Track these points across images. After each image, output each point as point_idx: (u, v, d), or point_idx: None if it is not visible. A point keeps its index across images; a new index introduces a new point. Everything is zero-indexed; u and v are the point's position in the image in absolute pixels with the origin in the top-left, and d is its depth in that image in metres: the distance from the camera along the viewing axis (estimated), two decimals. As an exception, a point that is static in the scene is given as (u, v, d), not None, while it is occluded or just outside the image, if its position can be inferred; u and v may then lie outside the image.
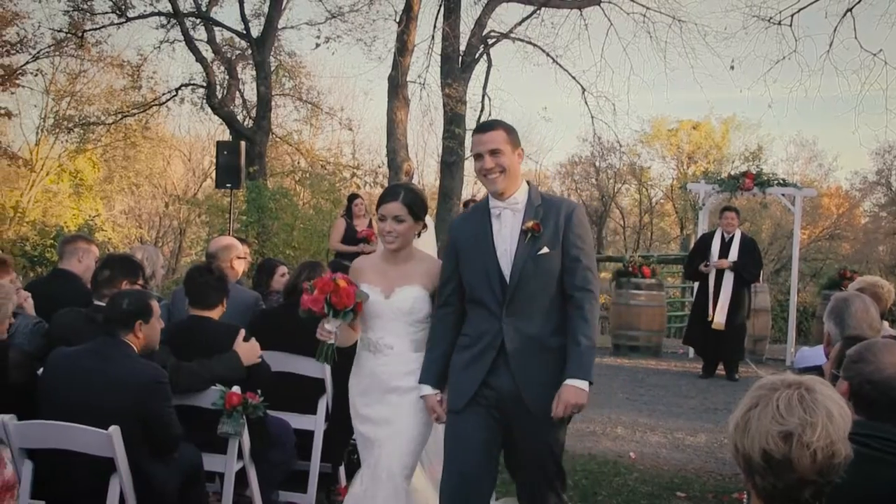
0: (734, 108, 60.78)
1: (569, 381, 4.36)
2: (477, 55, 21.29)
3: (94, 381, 4.69)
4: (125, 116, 25.46)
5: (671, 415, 9.90)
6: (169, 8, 21.82)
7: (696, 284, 12.74)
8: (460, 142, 20.78)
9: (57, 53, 24.47)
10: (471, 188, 27.44)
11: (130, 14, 22.43)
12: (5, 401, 4.74)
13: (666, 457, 8.09)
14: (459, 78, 20.63)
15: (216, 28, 22.65)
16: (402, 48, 20.25)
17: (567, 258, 4.45)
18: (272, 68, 22.94)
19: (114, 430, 4.50)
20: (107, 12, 22.49)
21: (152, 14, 22.54)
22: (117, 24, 22.71)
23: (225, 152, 15.20)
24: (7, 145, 27.27)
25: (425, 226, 4.89)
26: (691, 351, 13.81)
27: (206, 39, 22.59)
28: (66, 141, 28.16)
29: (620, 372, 12.66)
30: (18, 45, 23.12)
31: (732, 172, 16.05)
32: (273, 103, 23.11)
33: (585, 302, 4.43)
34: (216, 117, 23.90)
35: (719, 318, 12.00)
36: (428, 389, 4.64)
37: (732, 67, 21.00)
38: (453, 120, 20.78)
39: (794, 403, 2.20)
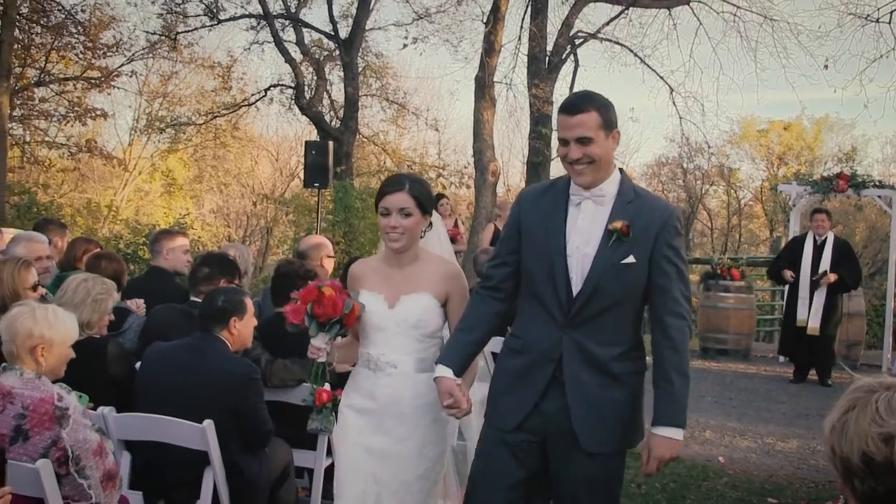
0: (827, 108, 59.21)
1: (661, 431, 3.66)
2: (564, 55, 21.15)
3: (190, 375, 4.78)
4: (215, 117, 25.93)
5: (761, 420, 9.71)
6: (259, 10, 22.15)
7: (787, 288, 12.49)
8: (546, 142, 20.67)
9: (150, 55, 25.01)
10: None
11: (222, 16, 22.82)
12: (105, 394, 4.86)
13: (756, 462, 7.95)
14: (546, 78, 20.52)
15: (305, 29, 22.89)
16: (489, 49, 20.22)
17: (658, 274, 3.67)
18: (359, 69, 23.10)
19: (207, 424, 4.58)
20: (199, 15, 22.93)
21: (243, 16, 22.91)
22: (209, 26, 23.12)
23: (313, 152, 15.35)
24: (102, 145, 27.93)
25: (431, 224, 4.23)
26: (777, 351, 13.52)
27: (294, 41, 22.85)
28: (158, 141, 28.82)
29: (708, 375, 12.47)
30: (114, 47, 23.68)
31: (825, 174, 15.68)
32: (360, 104, 23.26)
33: (677, 331, 3.67)
34: (304, 118, 24.17)
35: (813, 322, 11.74)
36: (444, 370, 3.81)
37: (826, 66, 20.31)
38: (540, 120, 20.67)
39: (894, 405, 2.14)
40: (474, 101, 20.72)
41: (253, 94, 24.93)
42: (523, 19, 21.19)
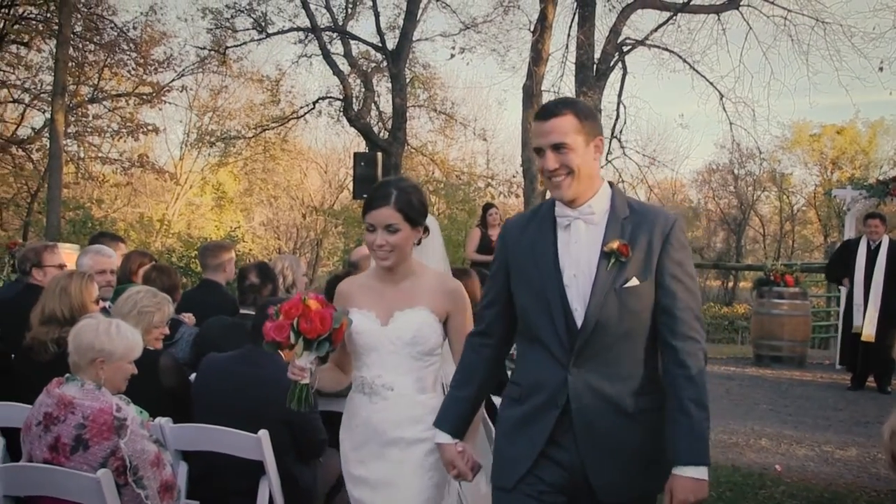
0: (882, 112, 58.40)
1: (684, 471, 3.21)
2: (612, 63, 21.07)
3: (244, 386, 4.81)
4: (264, 130, 26.18)
5: (818, 427, 9.55)
6: (307, 23, 22.33)
7: (844, 293, 12.30)
8: (595, 150, 20.60)
9: (200, 70, 25.38)
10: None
11: (270, 30, 23.05)
12: (160, 405, 4.90)
13: (814, 470, 7.81)
14: (594, 86, 20.45)
15: (352, 41, 23.04)
16: (537, 57, 20.20)
17: (663, 294, 3.27)
18: (407, 80, 23.19)
19: (263, 434, 4.59)
20: (247, 29, 23.18)
21: (291, 29, 23.12)
22: (257, 40, 23.38)
23: (362, 163, 15.44)
24: (154, 160, 28.31)
25: (426, 230, 3.89)
26: (838, 360, 13.31)
27: (342, 53, 22.99)
28: (209, 155, 29.19)
29: (763, 383, 12.30)
30: (165, 63, 24.03)
31: (881, 177, 15.43)
32: (408, 114, 23.35)
33: (691, 356, 3.25)
34: (352, 129, 24.31)
35: (868, 329, 11.55)
36: (444, 437, 3.54)
37: (881, 69, 20.04)
38: (588, 129, 20.60)
39: None
40: (522, 110, 20.70)
41: (301, 107, 25.14)
42: (570, 27, 21.17)
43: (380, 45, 22.46)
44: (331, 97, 24.20)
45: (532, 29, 20.78)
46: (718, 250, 41.60)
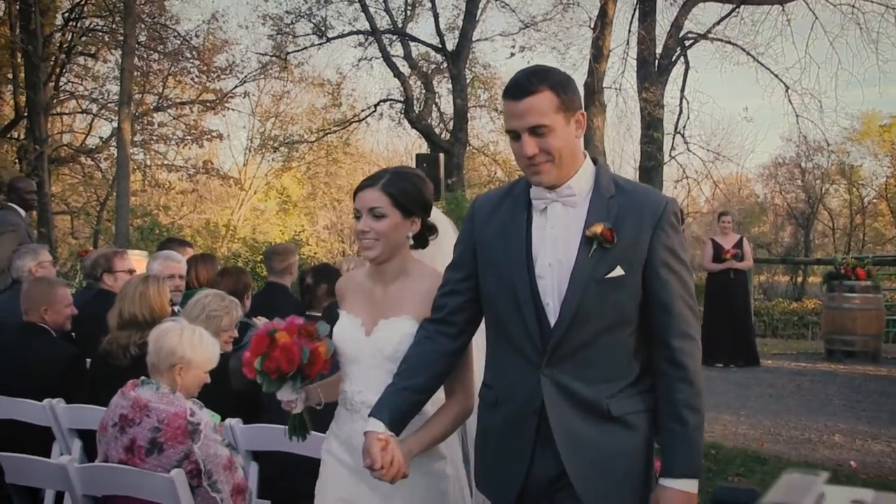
0: (955, 99, 56.95)
1: (673, 483, 2.91)
2: (674, 57, 20.89)
3: (313, 386, 4.83)
4: (326, 134, 26.40)
5: (895, 423, 9.34)
6: (367, 26, 22.47)
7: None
8: (658, 146, 20.44)
9: (262, 76, 25.62)
10: (669, 193, 26.86)
11: (330, 35, 23.29)
12: (231, 406, 4.95)
13: (892, 466, 7.63)
14: (656, 81, 20.29)
15: (412, 43, 23.12)
16: (598, 54, 20.09)
17: (656, 286, 2.90)
18: (468, 80, 23.21)
19: (332, 433, 4.61)
20: (308, 34, 23.44)
21: (351, 33, 23.30)
22: (318, 45, 23.63)
23: (424, 165, 15.45)
24: (218, 166, 28.67)
25: (432, 229, 3.45)
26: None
27: (402, 55, 23.09)
28: (272, 160, 29.45)
29: (835, 378, 12.05)
30: (227, 70, 24.33)
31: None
32: (469, 115, 23.37)
33: (688, 356, 2.92)
34: (414, 131, 24.40)
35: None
36: (375, 425, 3.01)
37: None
38: (651, 124, 20.45)
39: None
40: (584, 107, 20.60)
41: (363, 110, 25.31)
42: (631, 23, 21.04)
43: (439, 46, 22.52)
44: (392, 99, 24.31)
45: (592, 26, 20.69)
46: (786, 245, 40.87)
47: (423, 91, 23.36)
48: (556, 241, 2.92)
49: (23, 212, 9.73)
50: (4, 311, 6.60)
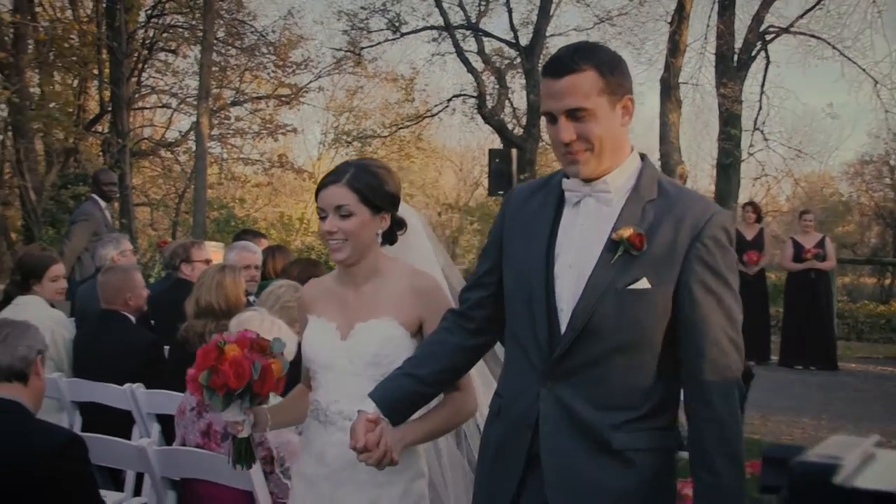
0: None
1: None
2: (754, 52, 20.52)
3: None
4: (399, 129, 26.47)
5: None
6: (440, 21, 22.51)
7: None
8: (736, 143, 20.10)
9: (336, 71, 25.76)
10: (748, 191, 26.47)
11: (404, 30, 23.36)
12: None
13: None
14: (735, 77, 19.96)
15: (486, 38, 23.09)
16: (674, 49, 19.86)
17: (688, 306, 2.52)
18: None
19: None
20: (382, 29, 23.54)
21: (424, 28, 23.37)
22: (391, 40, 23.72)
23: (497, 160, 15.44)
24: (293, 160, 28.93)
25: (400, 223, 3.22)
26: None
27: (476, 50, 23.07)
28: (346, 154, 29.57)
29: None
30: (303, 65, 24.54)
31: None
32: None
33: (718, 393, 2.51)
34: (487, 126, 24.36)
35: None
36: (368, 406, 2.80)
37: None
38: (728, 121, 20.13)
39: None
40: (659, 103, 20.40)
41: (436, 105, 25.35)
42: (710, 17, 20.74)
43: (513, 41, 22.45)
44: (465, 94, 24.30)
45: (669, 20, 20.43)
46: (873, 245, 39.87)
47: (497, 86, 23.30)
48: (582, 241, 2.60)
49: (103, 203, 9.95)
50: (88, 298, 6.76)
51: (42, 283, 5.95)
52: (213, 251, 8.15)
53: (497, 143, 24.04)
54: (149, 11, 22.32)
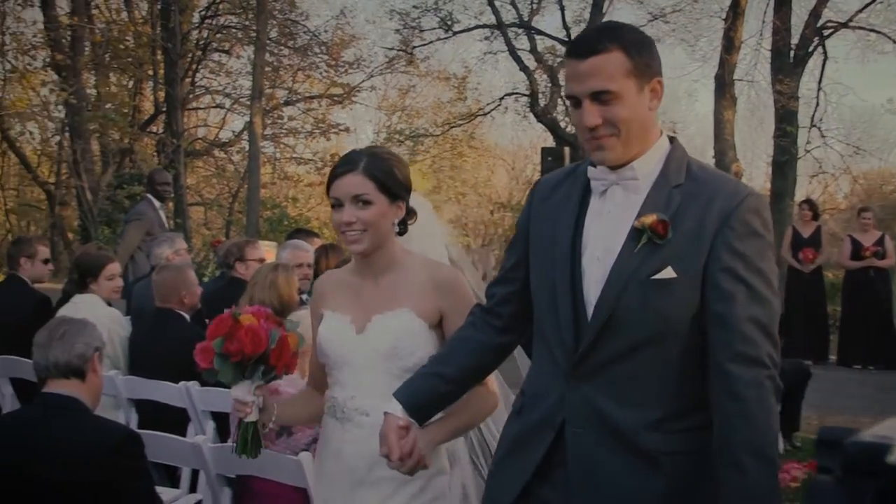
0: None
1: None
2: (811, 48, 20.20)
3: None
4: (452, 127, 26.45)
5: None
6: (492, 20, 22.47)
7: None
8: (793, 140, 19.80)
9: (388, 71, 25.84)
10: (804, 189, 26.08)
11: (456, 28, 23.35)
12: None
13: None
14: (791, 73, 19.66)
15: (538, 37, 23.00)
16: (729, 45, 19.63)
17: (715, 296, 2.37)
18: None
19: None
20: (434, 28, 23.54)
21: (476, 27, 23.33)
22: (443, 39, 23.73)
23: (549, 158, 15.41)
24: (346, 160, 29.07)
25: (411, 212, 3.10)
26: None
27: (528, 49, 23.00)
28: (398, 153, 29.69)
29: None
30: (355, 64, 24.66)
31: None
32: (595, 108, 23.13)
33: (751, 387, 2.33)
34: (539, 125, 24.29)
35: None
36: (394, 408, 2.69)
37: None
38: (784, 117, 19.83)
39: None
40: (714, 100, 20.20)
41: (488, 104, 25.28)
42: (765, 13, 20.43)
43: (566, 39, 22.31)
44: (517, 93, 24.24)
45: (724, 16, 20.20)
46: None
47: (549, 85, 23.22)
48: (609, 231, 2.47)
49: (157, 202, 10.05)
50: (143, 297, 6.83)
51: (98, 281, 6.01)
52: (267, 250, 8.20)
53: (549, 142, 23.94)
54: (203, 12, 22.58)
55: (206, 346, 2.85)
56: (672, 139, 2.55)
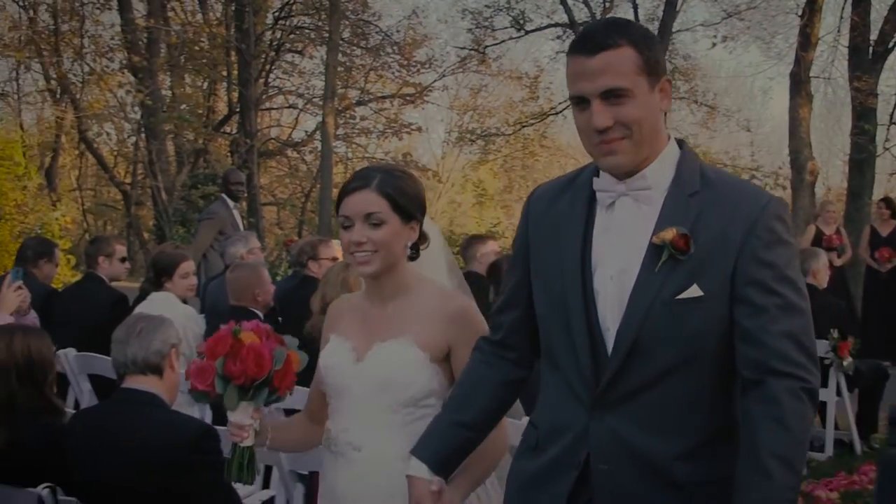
0: None
1: None
2: (890, 44, 19.71)
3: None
4: (523, 127, 26.35)
5: None
6: (565, 19, 22.35)
7: None
8: (871, 138, 19.34)
9: (460, 70, 25.87)
10: (883, 187, 25.49)
11: (528, 27, 23.26)
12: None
13: None
14: (870, 70, 19.18)
15: (610, 35, 22.83)
16: (805, 42, 19.24)
17: (744, 311, 2.20)
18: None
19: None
20: (506, 27, 23.49)
21: (549, 26, 23.24)
22: (516, 38, 23.68)
23: (621, 157, 15.28)
24: (417, 159, 29.19)
25: (423, 237, 2.92)
26: None
27: (600, 47, 22.84)
28: (469, 153, 29.68)
29: None
30: (427, 64, 24.71)
31: None
32: (668, 107, 22.90)
33: (785, 394, 2.15)
34: (611, 123, 24.10)
35: None
36: (419, 468, 2.50)
37: None
38: (862, 115, 19.37)
39: None
40: (789, 98, 19.82)
41: (560, 103, 25.11)
42: (843, 8, 19.98)
43: (639, 37, 22.13)
44: (589, 92, 24.08)
45: (800, 13, 19.83)
46: None
47: (621, 83, 23.05)
48: (621, 247, 2.29)
49: (231, 202, 10.18)
50: (217, 295, 6.93)
51: (173, 279, 6.11)
52: (339, 249, 8.26)
53: (621, 141, 23.76)
54: (276, 13, 22.80)
55: (203, 366, 2.66)
56: (681, 143, 2.39)
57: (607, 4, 23.05)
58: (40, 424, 3.71)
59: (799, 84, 19.49)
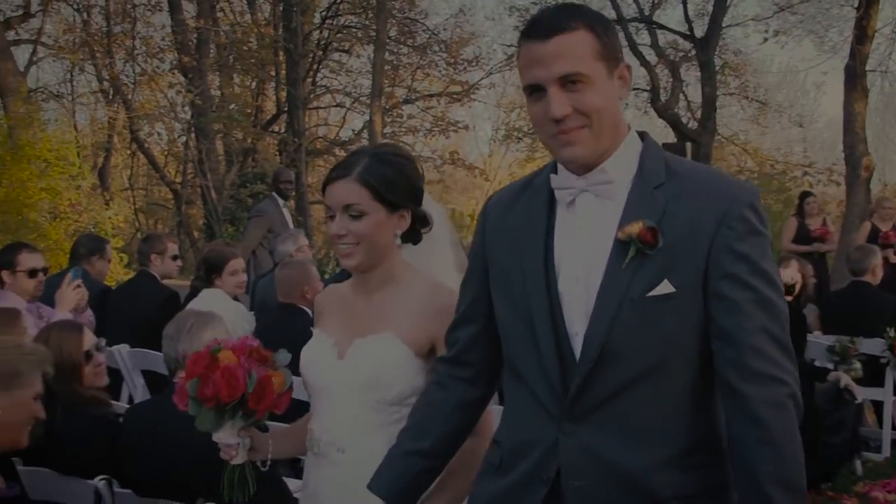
0: None
1: None
2: (949, 35, 19.41)
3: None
4: (571, 124, 26.28)
5: None
6: (613, 15, 22.13)
7: None
8: (930, 132, 19.04)
9: (508, 68, 25.78)
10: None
11: (575, 24, 23.13)
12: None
13: None
14: (927, 62, 18.91)
15: (659, 31, 22.64)
16: (861, 35, 18.93)
17: (718, 308, 2.07)
18: (717, 68, 22.51)
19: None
20: (554, 24, 23.38)
21: (596, 23, 23.08)
22: (564, 35, 23.52)
23: (671, 154, 15.15)
24: (464, 157, 29.18)
25: (424, 220, 2.76)
26: None
27: (649, 43, 22.66)
28: (517, 150, 29.63)
29: None
30: (473, 62, 24.69)
31: None
32: (718, 103, 22.65)
33: (770, 408, 2.02)
34: (660, 120, 23.89)
35: None
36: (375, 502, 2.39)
37: None
38: (919, 109, 19.09)
39: None
40: (844, 93, 19.51)
41: (607, 100, 25.02)
42: (900, 1, 19.69)
43: (688, 33, 21.93)
44: (638, 88, 23.83)
45: (856, 5, 19.52)
46: None
47: (670, 79, 22.85)
48: (585, 247, 2.16)
49: (281, 200, 10.25)
50: (266, 292, 6.95)
51: (222, 277, 6.15)
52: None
53: (670, 137, 23.54)
54: (323, 13, 22.88)
55: (181, 386, 2.59)
56: (643, 134, 2.26)
57: (656, 0, 22.86)
58: (83, 415, 3.78)
59: (854, 78, 19.19)
